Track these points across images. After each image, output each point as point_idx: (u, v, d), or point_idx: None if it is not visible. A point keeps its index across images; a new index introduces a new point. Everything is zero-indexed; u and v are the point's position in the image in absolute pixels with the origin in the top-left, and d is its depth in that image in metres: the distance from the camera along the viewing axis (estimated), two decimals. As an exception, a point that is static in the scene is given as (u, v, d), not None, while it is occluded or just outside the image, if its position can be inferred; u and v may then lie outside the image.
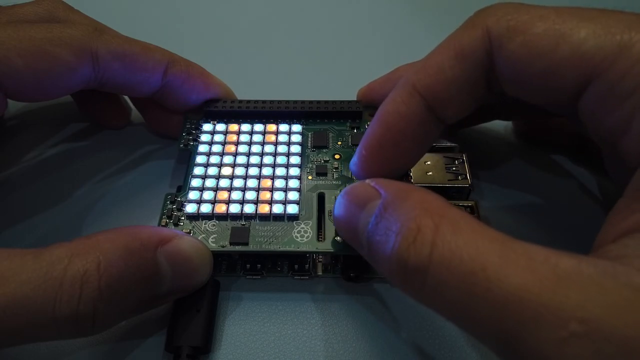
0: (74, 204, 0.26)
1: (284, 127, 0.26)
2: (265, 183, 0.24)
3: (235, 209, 0.23)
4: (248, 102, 0.27)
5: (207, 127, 0.27)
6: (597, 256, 0.15)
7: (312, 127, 0.27)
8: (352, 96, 0.28)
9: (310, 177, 0.25)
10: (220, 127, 0.27)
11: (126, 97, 0.30)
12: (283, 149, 0.25)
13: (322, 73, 0.35)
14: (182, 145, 0.26)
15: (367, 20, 0.40)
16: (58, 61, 0.23)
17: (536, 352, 0.13)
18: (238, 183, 0.24)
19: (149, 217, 0.25)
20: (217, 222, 0.23)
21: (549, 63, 0.18)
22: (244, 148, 0.26)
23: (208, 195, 0.23)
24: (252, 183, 0.24)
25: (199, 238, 0.22)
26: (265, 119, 0.27)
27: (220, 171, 0.24)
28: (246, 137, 0.26)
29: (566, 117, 0.22)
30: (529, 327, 0.13)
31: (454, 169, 0.25)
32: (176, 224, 0.23)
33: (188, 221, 0.23)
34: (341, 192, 0.20)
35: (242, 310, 0.22)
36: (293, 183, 0.24)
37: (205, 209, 0.23)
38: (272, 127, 0.26)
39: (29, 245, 0.22)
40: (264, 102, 0.27)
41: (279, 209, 0.23)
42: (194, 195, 0.23)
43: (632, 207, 0.16)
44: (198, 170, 0.24)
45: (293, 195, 0.23)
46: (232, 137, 0.26)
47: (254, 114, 0.27)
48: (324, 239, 0.22)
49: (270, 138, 0.26)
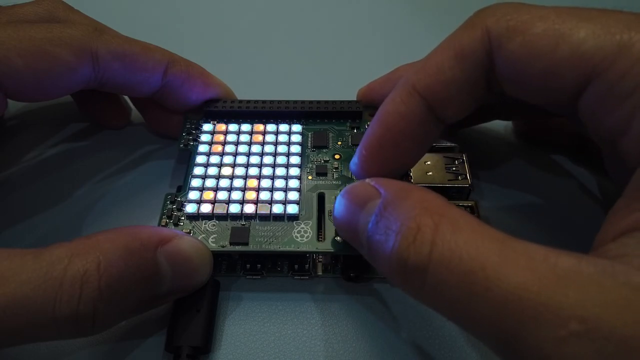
0: (74, 204, 0.26)
1: (284, 127, 0.26)
2: (265, 183, 0.24)
3: (235, 209, 0.23)
4: (248, 102, 0.27)
5: (207, 127, 0.27)
6: (597, 255, 0.15)
7: (312, 127, 0.27)
8: (352, 96, 0.28)
9: (310, 177, 0.25)
10: (221, 127, 0.27)
11: (126, 97, 0.30)
12: (283, 149, 0.26)
13: (322, 73, 0.35)
14: (182, 145, 0.26)
15: (367, 20, 0.40)
16: (58, 61, 0.23)
17: (536, 351, 0.13)
18: (238, 183, 0.24)
19: (149, 217, 0.25)
20: (217, 222, 0.23)
21: (548, 63, 0.18)
22: (244, 148, 0.26)
23: (208, 195, 0.23)
24: (252, 183, 0.24)
25: (199, 238, 0.22)
26: (265, 119, 0.27)
27: (220, 171, 0.24)
28: (246, 137, 0.26)
29: (566, 117, 0.22)
30: (528, 326, 0.13)
31: (454, 169, 0.25)
32: (176, 224, 0.23)
33: (188, 221, 0.23)
34: (341, 191, 0.20)
35: (242, 310, 0.22)
36: (293, 183, 0.24)
37: (205, 209, 0.23)
38: (272, 127, 0.26)
39: (29, 245, 0.22)
40: (264, 102, 0.27)
41: (279, 209, 0.23)
42: (194, 195, 0.23)
43: (631, 206, 0.16)
44: (198, 170, 0.24)
45: (293, 195, 0.23)
46: (232, 137, 0.26)
47: (254, 114, 0.27)
48: (324, 239, 0.22)
49: (270, 138, 0.26)
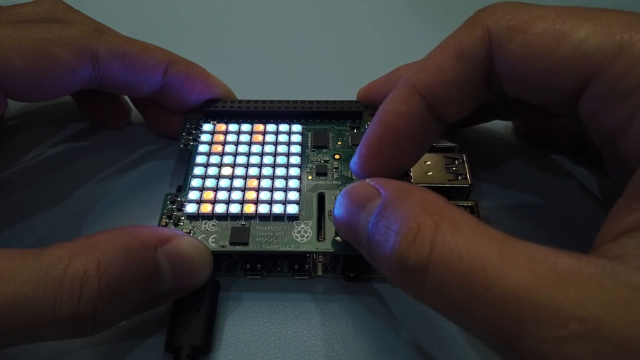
0: (74, 204, 0.26)
1: (284, 127, 0.26)
2: (265, 183, 0.24)
3: (235, 209, 0.23)
4: (248, 102, 0.27)
5: (207, 127, 0.27)
6: (597, 255, 0.15)
7: (312, 127, 0.27)
8: (352, 96, 0.28)
9: (310, 177, 0.25)
10: (221, 127, 0.27)
11: (126, 97, 0.30)
12: (283, 149, 0.25)
13: (322, 73, 0.35)
14: (182, 145, 0.26)
15: (367, 20, 0.40)
16: (58, 61, 0.23)
17: (536, 351, 0.13)
18: (238, 183, 0.24)
19: (149, 217, 0.25)
20: (217, 222, 0.23)
21: (549, 63, 0.17)
22: (244, 148, 0.26)
23: (208, 195, 0.23)
24: (252, 183, 0.24)
25: (199, 238, 0.22)
26: (265, 119, 0.27)
27: (220, 171, 0.24)
28: (246, 137, 0.26)
29: (566, 117, 0.22)
30: (528, 326, 0.13)
31: (454, 169, 0.25)
32: (176, 224, 0.23)
33: (188, 221, 0.23)
34: (341, 191, 0.20)
35: (242, 310, 0.22)
36: (293, 183, 0.24)
37: (205, 209, 0.23)
38: (272, 127, 0.26)
39: (29, 245, 0.22)
40: (264, 102, 0.27)
41: (279, 209, 0.23)
42: (194, 195, 0.23)
43: (631, 206, 0.16)
44: (198, 170, 0.24)
45: (293, 195, 0.23)
46: (232, 137, 0.26)
47: (254, 114, 0.27)
48: (324, 239, 0.22)
49: (270, 138, 0.26)
